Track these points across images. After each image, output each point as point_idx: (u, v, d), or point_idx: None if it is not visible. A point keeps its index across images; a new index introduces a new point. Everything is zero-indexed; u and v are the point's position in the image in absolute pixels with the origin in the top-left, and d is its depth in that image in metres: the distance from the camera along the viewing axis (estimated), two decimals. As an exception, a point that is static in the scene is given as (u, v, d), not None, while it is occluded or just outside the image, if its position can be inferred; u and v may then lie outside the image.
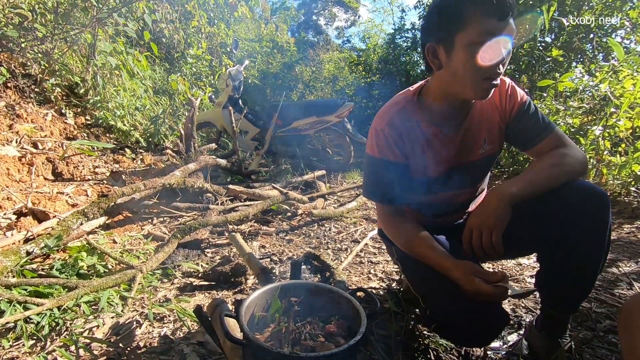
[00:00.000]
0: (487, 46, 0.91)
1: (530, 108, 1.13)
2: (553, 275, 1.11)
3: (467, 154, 1.16)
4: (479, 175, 1.24)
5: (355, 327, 0.94)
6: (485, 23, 0.90)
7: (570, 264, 1.05)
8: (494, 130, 1.16)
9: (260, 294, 1.07)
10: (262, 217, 2.92)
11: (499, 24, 0.90)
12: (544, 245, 1.11)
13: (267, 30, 9.63)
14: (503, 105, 1.14)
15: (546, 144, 1.11)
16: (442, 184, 1.17)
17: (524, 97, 1.14)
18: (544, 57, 4.35)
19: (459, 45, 0.94)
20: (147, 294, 1.68)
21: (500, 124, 1.16)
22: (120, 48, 4.09)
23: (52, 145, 3.18)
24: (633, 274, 1.84)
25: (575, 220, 1.01)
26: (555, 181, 1.03)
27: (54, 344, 1.30)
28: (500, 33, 0.91)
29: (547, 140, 1.11)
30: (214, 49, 6.98)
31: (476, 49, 0.92)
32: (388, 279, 1.88)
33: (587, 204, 1.00)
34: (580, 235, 1.01)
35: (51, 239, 1.83)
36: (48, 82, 3.68)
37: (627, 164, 2.76)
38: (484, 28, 0.90)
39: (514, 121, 1.14)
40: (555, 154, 1.08)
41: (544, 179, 1.04)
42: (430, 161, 1.14)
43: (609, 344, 1.32)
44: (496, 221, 0.98)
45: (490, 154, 1.20)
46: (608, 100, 2.88)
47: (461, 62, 0.95)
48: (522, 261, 2.03)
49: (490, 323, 0.99)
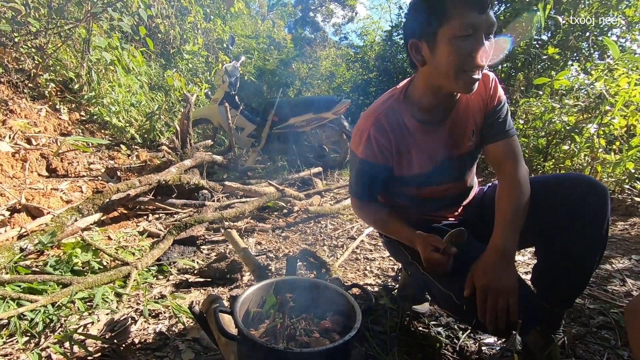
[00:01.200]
0: (470, 39, 0.92)
1: (504, 107, 1.15)
2: (550, 268, 1.11)
3: (455, 147, 1.16)
4: (468, 168, 1.24)
5: (350, 323, 0.94)
6: (466, 16, 0.91)
7: (568, 257, 1.05)
8: (480, 121, 1.16)
9: (255, 290, 1.07)
10: (258, 213, 2.92)
11: (480, 17, 0.91)
12: (542, 238, 1.12)
13: (263, 27, 9.59)
14: (487, 97, 1.14)
15: (498, 147, 1.13)
16: (431, 178, 1.17)
17: (502, 95, 1.16)
18: (540, 55, 4.36)
19: (442, 40, 0.95)
20: (143, 291, 1.67)
21: (483, 115, 1.17)
22: (115, 43, 4.06)
23: (46, 141, 3.15)
24: (626, 270, 1.86)
25: (574, 214, 1.01)
26: (523, 219, 1.04)
27: (48, 340, 1.30)
28: (482, 25, 0.92)
29: (501, 143, 1.12)
30: (210, 45, 6.94)
31: (458, 43, 0.93)
32: (384, 276, 1.88)
33: (586, 197, 1.01)
34: (578, 228, 1.02)
35: (45, 236, 1.82)
36: (42, 77, 3.64)
37: (621, 162, 2.78)
38: (465, 21, 0.91)
39: (486, 115, 1.15)
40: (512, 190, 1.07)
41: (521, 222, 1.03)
42: (418, 156, 1.14)
43: (602, 340, 1.34)
44: (510, 284, 0.93)
45: (477, 146, 1.20)
46: (603, 98, 2.89)
47: (444, 56, 0.96)
48: (517, 258, 2.04)
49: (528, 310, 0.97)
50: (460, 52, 0.94)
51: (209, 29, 6.89)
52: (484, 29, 0.92)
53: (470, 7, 0.90)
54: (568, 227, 1.03)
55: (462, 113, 1.14)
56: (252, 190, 3.13)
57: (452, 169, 1.18)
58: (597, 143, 2.90)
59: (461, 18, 0.91)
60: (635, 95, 2.72)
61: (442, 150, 1.15)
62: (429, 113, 1.12)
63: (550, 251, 1.10)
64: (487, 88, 1.13)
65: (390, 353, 1.18)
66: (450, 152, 1.16)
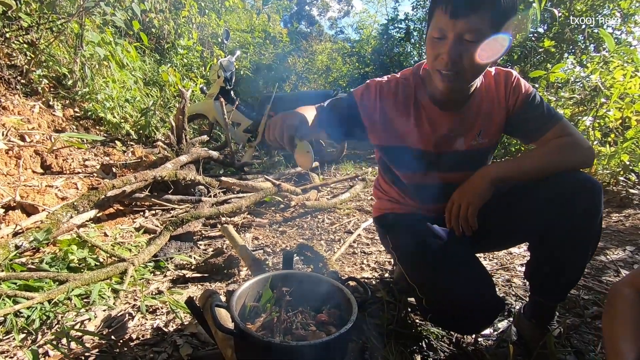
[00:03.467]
0: (439, 42, 0.98)
1: (535, 99, 1.13)
2: (543, 264, 1.12)
3: (455, 141, 1.17)
4: (469, 165, 1.24)
5: (346, 316, 0.94)
6: (438, 20, 0.96)
7: (560, 252, 1.06)
8: (491, 124, 1.17)
9: (251, 284, 1.07)
10: (255, 209, 2.92)
11: (450, 22, 0.94)
12: (535, 233, 1.12)
13: (259, 21, 9.50)
14: (507, 98, 1.15)
15: (550, 136, 1.10)
16: (429, 162, 1.20)
17: (529, 89, 1.14)
18: (536, 48, 4.36)
19: (428, 37, 1.03)
20: (140, 287, 1.67)
21: (501, 117, 1.16)
22: (109, 38, 4.00)
23: (40, 137, 3.12)
24: (620, 261, 1.88)
25: (566, 209, 1.01)
26: (547, 169, 1.06)
27: (45, 337, 1.29)
28: (451, 31, 0.95)
29: (552, 132, 1.10)
30: (205, 40, 6.88)
31: (431, 42, 1.00)
32: (381, 269, 1.89)
33: (578, 192, 1.01)
34: (571, 223, 1.02)
35: (40, 233, 1.80)
36: (34, 74, 3.59)
37: (616, 154, 2.79)
38: (437, 25, 0.97)
39: (517, 113, 1.15)
40: (554, 142, 1.08)
41: (535, 166, 1.06)
42: (416, 130, 1.17)
43: (596, 330, 1.35)
44: (474, 197, 1.08)
45: (483, 147, 1.20)
46: (599, 90, 2.90)
47: (427, 51, 1.05)
48: (513, 250, 2.05)
49: (485, 309, 1.01)
50: (430, 52, 1.02)
51: (204, 23, 6.82)
52: (455, 35, 0.95)
53: (443, 11, 0.94)
54: (561, 223, 1.03)
55: (473, 111, 1.15)
56: (248, 186, 3.13)
57: (449, 160, 1.20)
58: (592, 135, 2.92)
59: (435, 21, 0.98)
60: (630, 87, 2.73)
61: (440, 137, 1.17)
62: (441, 97, 1.14)
63: (543, 247, 1.11)
64: (507, 89, 1.15)
65: (387, 346, 1.18)
66: (450, 144, 1.18)
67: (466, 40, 0.94)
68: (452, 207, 1.14)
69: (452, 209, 1.14)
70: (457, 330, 1.20)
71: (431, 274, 1.06)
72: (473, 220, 1.10)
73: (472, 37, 0.94)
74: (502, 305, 1.04)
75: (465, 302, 0.98)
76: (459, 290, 0.99)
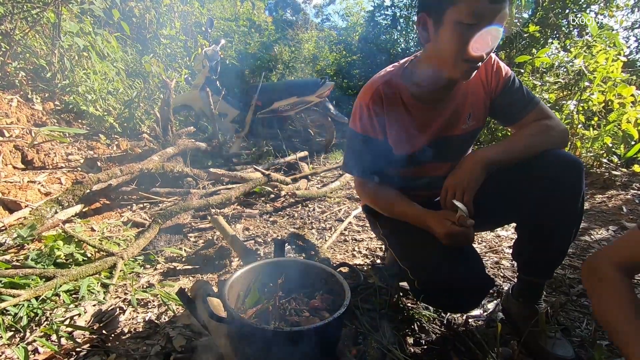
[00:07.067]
0: (473, 28, 0.88)
1: (514, 83, 1.14)
2: (530, 243, 1.15)
3: (450, 128, 1.17)
4: (462, 150, 1.25)
5: (339, 301, 0.95)
6: (472, 3, 0.85)
7: (546, 231, 1.09)
8: (479, 105, 1.17)
9: (243, 273, 1.07)
10: (245, 199, 2.90)
11: (491, 7, 0.85)
12: (521, 214, 1.15)
13: (243, 9, 9.30)
14: (489, 80, 1.14)
15: (529, 119, 1.13)
16: (424, 156, 1.18)
17: (508, 72, 1.15)
18: (521, 33, 4.37)
19: (447, 21, 0.90)
20: (130, 281, 1.65)
21: (485, 100, 1.17)
22: (88, 28, 3.87)
23: (19, 132, 3.02)
24: (604, 241, 1.93)
25: (550, 189, 1.04)
26: (533, 149, 1.07)
27: (34, 334, 1.27)
28: (491, 17, 0.86)
29: (531, 115, 1.12)
30: (189, 29, 6.70)
31: (462, 29, 0.89)
32: (372, 256, 1.91)
33: (562, 173, 1.03)
34: (555, 203, 1.05)
35: (24, 229, 1.76)
36: (11, 66, 3.46)
37: (599, 137, 2.85)
38: (473, 9, 0.85)
39: (499, 97, 1.15)
40: (535, 125, 1.11)
41: (522, 147, 1.08)
42: (412, 131, 1.15)
43: (581, 307, 1.39)
44: (469, 182, 1.05)
45: (473, 129, 1.21)
46: (582, 74, 2.93)
47: (446, 39, 0.92)
48: (501, 233, 2.09)
49: (476, 287, 1.03)
50: (461, 40, 0.90)
51: (187, 12, 6.64)
52: (492, 20, 0.87)
53: None
54: (545, 202, 1.06)
55: (461, 95, 1.14)
56: (237, 177, 3.10)
57: (444, 149, 1.20)
58: (576, 119, 2.96)
59: (470, 4, 0.85)
60: (612, 71, 2.77)
61: (436, 130, 1.16)
62: (428, 91, 1.11)
63: (529, 226, 1.14)
64: (487, 71, 1.13)
65: (380, 329, 1.20)
66: (444, 133, 1.17)
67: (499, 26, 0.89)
68: (446, 195, 1.10)
69: (447, 196, 1.11)
70: (449, 309, 1.23)
71: (422, 256, 1.08)
72: (470, 206, 1.06)
73: (504, 23, 0.90)
74: (491, 283, 1.06)
75: (456, 280, 1.01)
76: (450, 269, 1.01)
